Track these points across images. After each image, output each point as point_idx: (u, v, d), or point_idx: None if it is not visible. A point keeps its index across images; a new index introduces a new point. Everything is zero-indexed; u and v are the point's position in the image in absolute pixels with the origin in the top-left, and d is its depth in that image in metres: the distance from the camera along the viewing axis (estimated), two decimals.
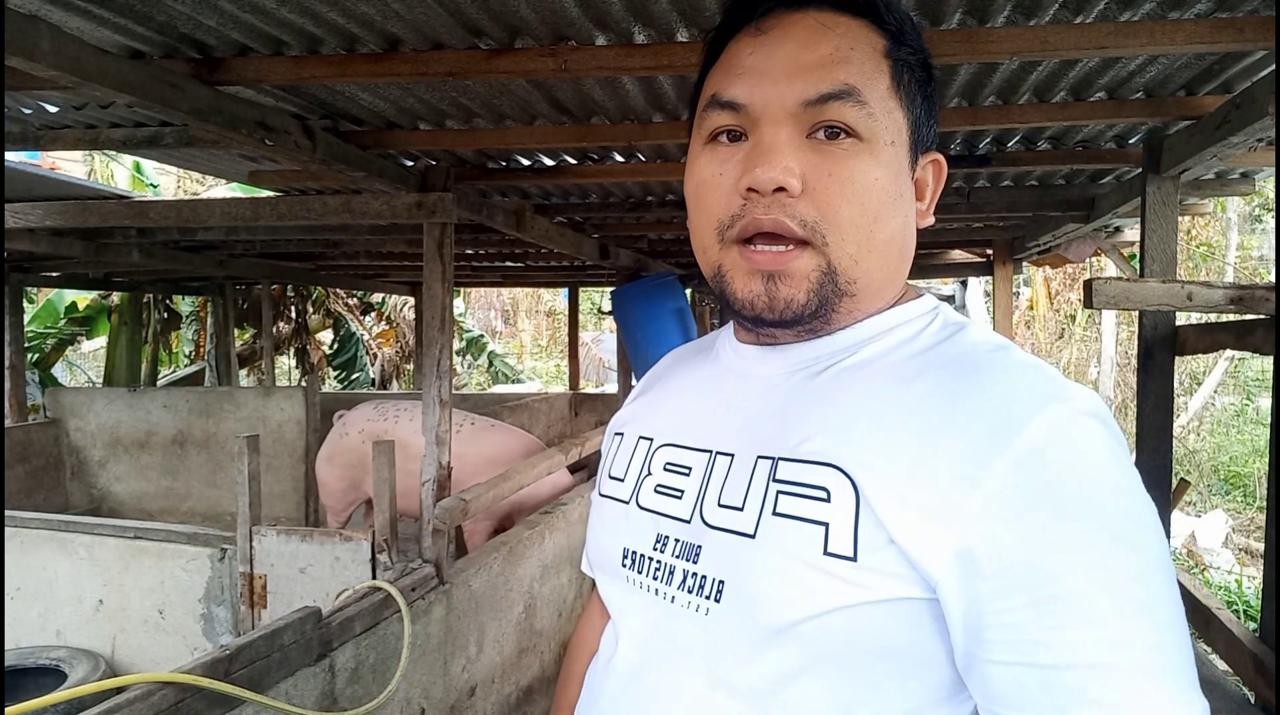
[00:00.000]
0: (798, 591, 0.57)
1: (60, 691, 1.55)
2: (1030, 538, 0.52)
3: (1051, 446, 0.54)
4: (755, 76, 0.63)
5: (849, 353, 0.66)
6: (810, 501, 0.59)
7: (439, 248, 2.63)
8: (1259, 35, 1.59)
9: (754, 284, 0.64)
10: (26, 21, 1.43)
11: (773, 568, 0.59)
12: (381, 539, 2.49)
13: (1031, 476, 0.53)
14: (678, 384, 0.79)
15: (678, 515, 0.68)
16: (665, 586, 0.66)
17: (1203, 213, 4.06)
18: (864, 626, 0.56)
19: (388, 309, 10.80)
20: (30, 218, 3.19)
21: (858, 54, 0.62)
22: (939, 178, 0.70)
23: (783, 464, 0.62)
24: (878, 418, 0.60)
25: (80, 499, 5.34)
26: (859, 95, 0.61)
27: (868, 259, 0.63)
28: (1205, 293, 1.85)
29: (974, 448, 0.54)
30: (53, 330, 7.86)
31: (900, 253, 0.66)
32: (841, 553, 0.56)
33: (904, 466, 0.56)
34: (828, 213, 0.61)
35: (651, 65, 1.78)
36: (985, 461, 0.54)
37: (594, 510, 0.79)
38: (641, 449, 0.76)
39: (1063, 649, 0.51)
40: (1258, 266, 10.52)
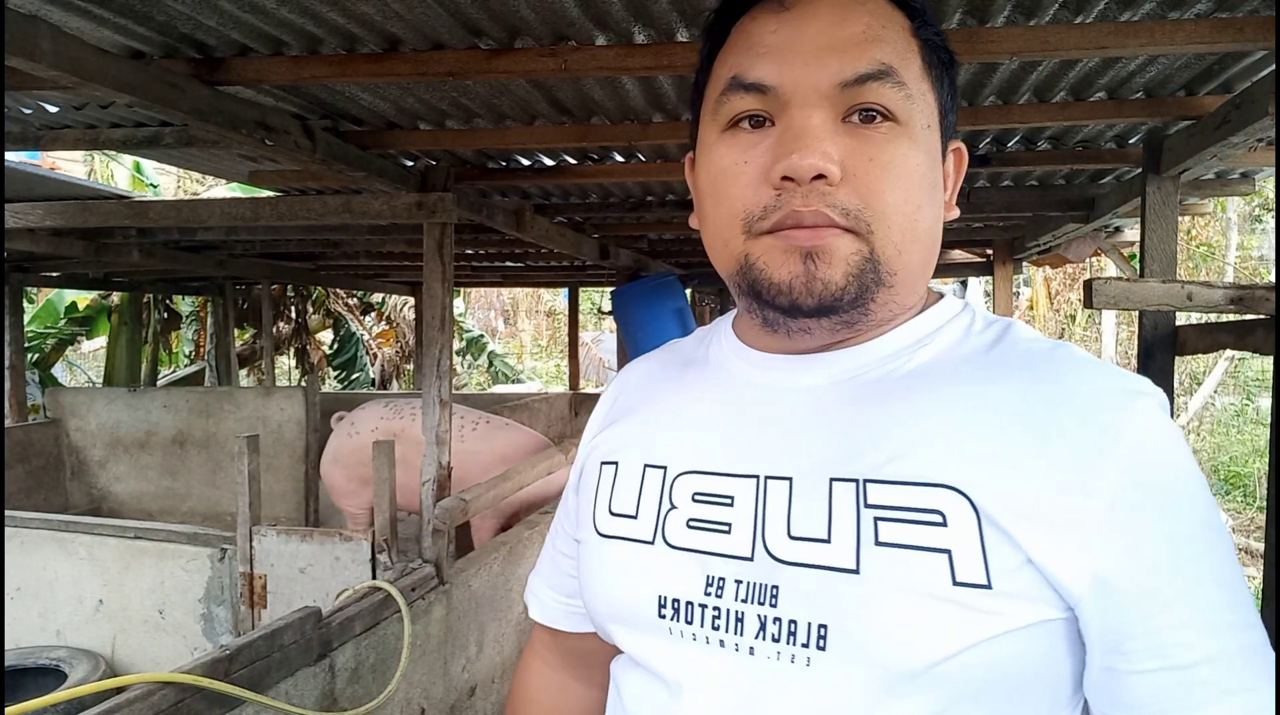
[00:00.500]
0: (929, 630, 0.52)
1: (60, 691, 1.55)
2: (1152, 537, 0.51)
3: (1150, 443, 0.53)
4: (783, 55, 0.57)
5: (900, 359, 0.61)
6: (923, 527, 0.53)
7: (439, 248, 2.63)
8: (1259, 35, 1.59)
9: (792, 263, 0.57)
10: (26, 21, 1.43)
11: (893, 606, 0.52)
12: (381, 539, 2.49)
13: (1141, 476, 0.52)
14: (675, 402, 0.69)
15: (732, 552, 0.59)
16: (735, 636, 0.57)
17: (1203, 213, 4.07)
18: (1004, 658, 0.52)
19: (388, 309, 10.80)
20: (30, 218, 3.19)
21: (890, 32, 0.58)
22: (960, 168, 0.66)
23: (873, 487, 0.55)
24: (971, 428, 0.55)
25: (80, 499, 5.34)
26: (897, 75, 0.57)
27: (910, 249, 0.59)
28: (1205, 293, 1.85)
29: (1082, 451, 0.52)
30: (53, 330, 7.86)
31: (935, 244, 0.62)
32: (973, 581, 0.51)
33: (1017, 477, 0.53)
34: (872, 200, 0.56)
35: (651, 65, 1.78)
36: (1096, 465, 0.52)
37: (592, 554, 0.68)
38: (653, 479, 0.65)
39: (1196, 646, 0.50)
40: (1258, 266, 10.52)
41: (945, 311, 0.64)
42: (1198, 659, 0.50)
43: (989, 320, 0.64)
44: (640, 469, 0.67)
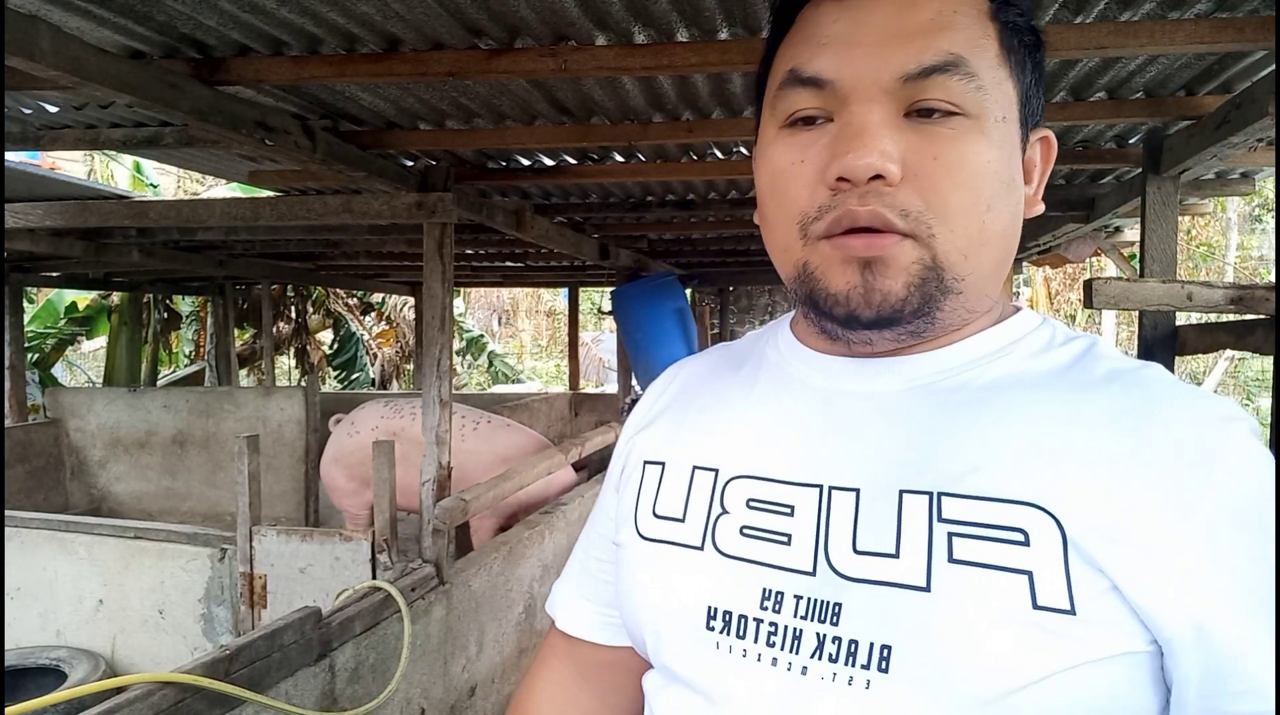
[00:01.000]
0: (1005, 655, 0.48)
1: (60, 691, 1.55)
2: (1250, 568, 0.48)
3: (1247, 474, 0.49)
4: (843, 47, 0.54)
5: (977, 368, 0.57)
6: (1003, 546, 0.50)
7: (439, 248, 2.63)
8: (1259, 35, 1.59)
9: (850, 274, 0.54)
10: (26, 21, 1.43)
11: (966, 627, 0.49)
12: (381, 539, 2.49)
13: (1239, 508, 0.49)
14: (728, 402, 0.66)
15: (793, 566, 0.55)
16: (790, 655, 0.54)
17: (1203, 213, 4.07)
18: (1084, 690, 0.48)
19: (388, 309, 10.80)
20: (30, 218, 3.19)
21: (962, 17, 0.54)
22: (1048, 157, 0.61)
23: (948, 501, 0.52)
24: (1058, 443, 0.51)
25: (80, 499, 5.34)
26: (967, 66, 0.53)
27: (979, 254, 0.54)
28: (1205, 293, 1.85)
29: (1177, 477, 0.49)
30: (53, 330, 7.86)
31: (1009, 247, 0.58)
32: (1056, 605, 0.48)
33: (1106, 498, 0.49)
34: (934, 201, 0.52)
35: (651, 65, 1.78)
36: (1192, 493, 0.48)
37: (631, 557, 0.64)
38: (702, 482, 0.62)
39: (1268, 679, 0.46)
40: (1258, 266, 10.53)
41: (1024, 324, 0.60)
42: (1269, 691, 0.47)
43: (1070, 335, 0.60)
44: (689, 470, 0.63)
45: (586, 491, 3.98)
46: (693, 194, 3.65)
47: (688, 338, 4.94)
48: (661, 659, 0.61)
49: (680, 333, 4.91)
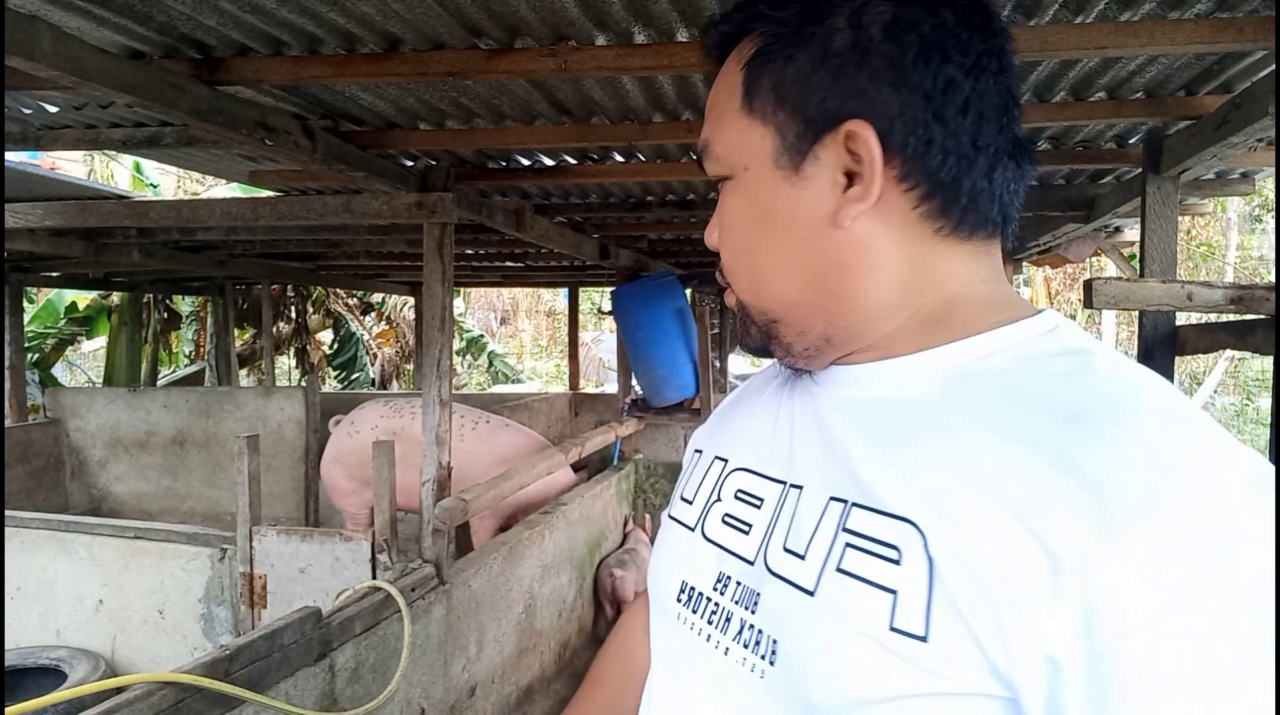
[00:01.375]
0: (854, 670, 0.48)
1: (60, 691, 1.55)
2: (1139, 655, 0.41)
3: (1183, 537, 0.41)
4: None
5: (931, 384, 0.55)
6: (879, 561, 0.49)
7: (439, 248, 2.63)
8: (1259, 35, 1.59)
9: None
10: (26, 21, 1.43)
11: (826, 636, 0.50)
12: (381, 539, 2.49)
13: (1153, 566, 0.41)
14: (761, 400, 0.69)
15: (742, 553, 0.59)
16: (720, 635, 0.58)
17: (1203, 213, 4.07)
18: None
19: (388, 309, 10.80)
20: (30, 218, 3.19)
21: (716, 97, 0.61)
22: (865, 146, 0.53)
23: (856, 511, 0.52)
24: (968, 472, 0.48)
25: (80, 499, 5.34)
26: (710, 146, 0.61)
27: (768, 289, 0.59)
28: (1205, 293, 1.85)
29: (1082, 526, 0.43)
30: (53, 330, 7.86)
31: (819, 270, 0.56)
32: (910, 630, 0.46)
33: (989, 540, 0.45)
34: (724, 259, 0.63)
35: (651, 65, 1.78)
36: (1097, 545, 0.42)
37: (662, 531, 0.72)
38: (715, 471, 0.68)
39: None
40: (1258, 266, 10.53)
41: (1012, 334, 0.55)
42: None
43: (1074, 351, 0.53)
44: (711, 459, 0.70)
45: (586, 491, 3.98)
46: (693, 194, 3.65)
47: (688, 338, 4.94)
48: (651, 622, 0.69)
49: (680, 333, 4.90)
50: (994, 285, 0.58)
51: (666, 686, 0.63)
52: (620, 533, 4.45)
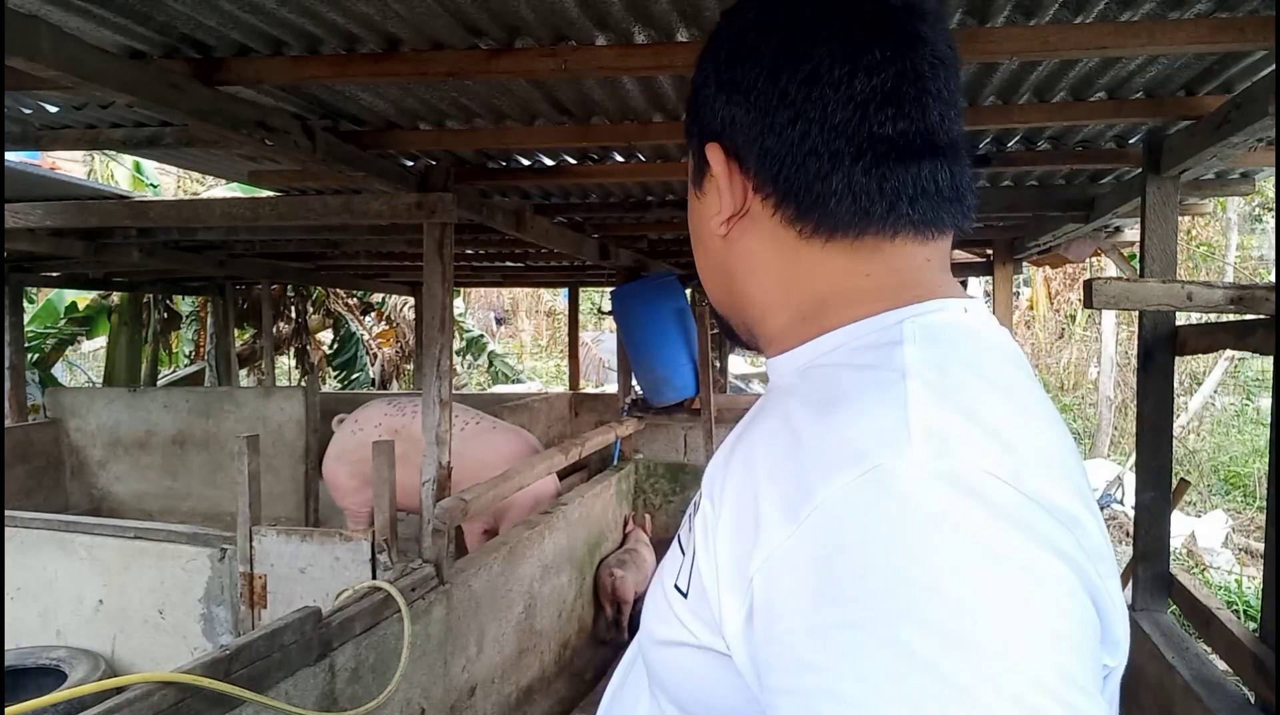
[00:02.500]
0: (651, 616, 0.59)
1: (60, 691, 1.55)
2: (792, 619, 0.44)
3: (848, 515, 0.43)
4: None
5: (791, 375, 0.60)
6: (687, 528, 0.60)
7: (439, 248, 2.63)
8: (1259, 35, 1.59)
9: None
10: (26, 21, 1.43)
11: (653, 587, 0.61)
12: (381, 539, 2.49)
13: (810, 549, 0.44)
14: None
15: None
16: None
17: (1203, 213, 4.07)
18: (688, 668, 0.53)
19: (388, 309, 10.80)
20: (30, 218, 3.19)
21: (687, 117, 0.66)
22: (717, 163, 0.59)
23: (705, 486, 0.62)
24: (742, 453, 0.55)
25: (80, 499, 5.34)
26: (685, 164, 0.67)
27: (708, 290, 0.68)
28: (1205, 293, 1.85)
29: (773, 506, 0.47)
30: (53, 330, 7.86)
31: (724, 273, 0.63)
32: (680, 586, 0.55)
33: (728, 511, 0.52)
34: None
35: (651, 65, 1.78)
36: (776, 525, 0.46)
37: None
38: None
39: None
40: (1258, 266, 10.53)
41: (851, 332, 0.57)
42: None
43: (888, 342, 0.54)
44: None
45: (586, 491, 3.98)
46: None
47: (688, 338, 4.94)
48: None
49: (680, 333, 4.90)
50: (880, 279, 0.57)
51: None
52: (620, 533, 4.45)
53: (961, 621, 0.39)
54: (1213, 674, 2.02)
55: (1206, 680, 1.97)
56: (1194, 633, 2.38)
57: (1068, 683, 0.39)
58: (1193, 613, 2.17)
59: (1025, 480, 0.44)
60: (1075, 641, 0.41)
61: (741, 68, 0.58)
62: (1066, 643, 0.40)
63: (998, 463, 0.44)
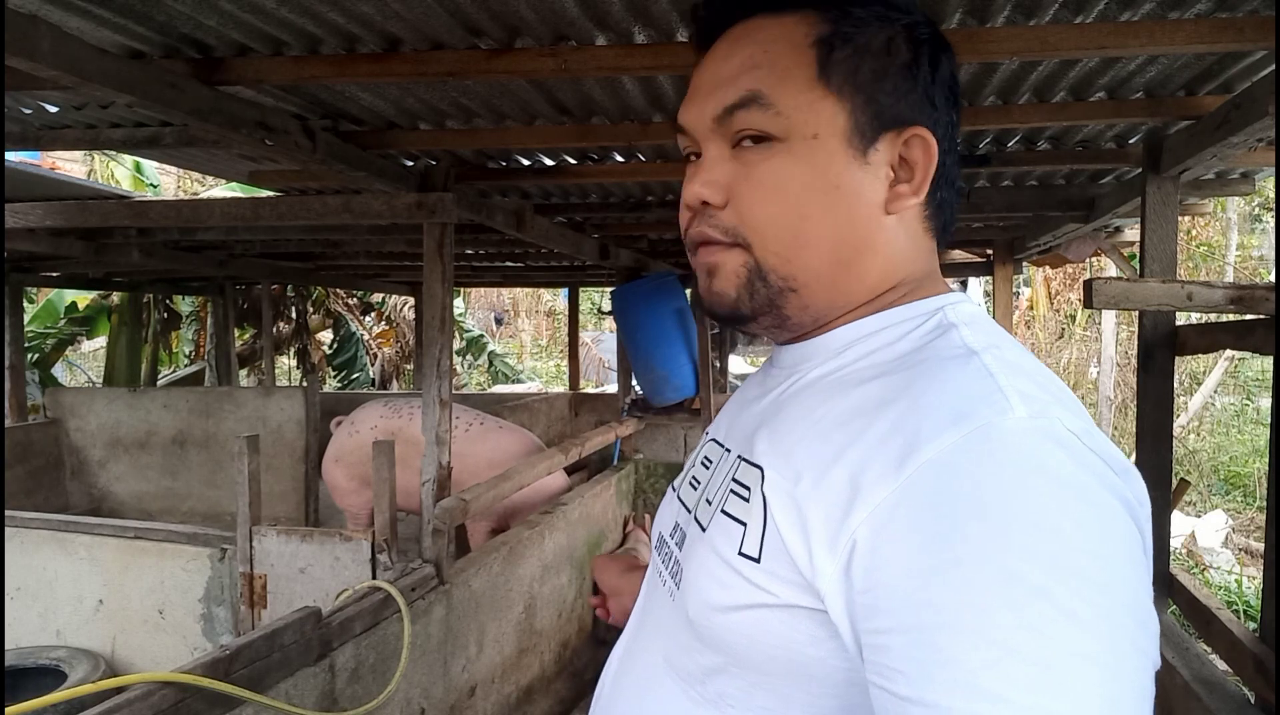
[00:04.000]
0: (712, 587, 0.60)
1: (60, 691, 1.55)
2: (907, 560, 0.48)
3: (953, 466, 0.49)
4: (691, 98, 0.67)
5: (827, 356, 0.65)
6: (739, 501, 0.62)
7: (439, 248, 2.63)
8: (1259, 35, 1.59)
9: (703, 280, 0.67)
10: (26, 21, 1.43)
11: (702, 561, 0.63)
12: (381, 539, 2.49)
13: (922, 495, 0.49)
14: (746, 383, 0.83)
15: (688, 504, 0.73)
16: (666, 572, 0.72)
17: (1203, 213, 4.06)
18: (765, 630, 0.56)
19: (388, 309, 10.80)
20: (30, 218, 3.19)
21: (770, 54, 0.62)
22: (929, 153, 0.63)
23: (740, 463, 0.65)
24: (810, 424, 0.60)
25: (80, 499, 5.34)
26: (762, 98, 0.61)
27: (801, 255, 0.62)
28: (1205, 293, 1.85)
29: (875, 462, 0.52)
30: (53, 330, 7.86)
31: (854, 245, 0.63)
32: (749, 553, 0.58)
33: (808, 476, 0.56)
34: (746, 217, 0.63)
35: (651, 65, 1.78)
36: (881, 477, 0.51)
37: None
38: (702, 444, 0.82)
39: (921, 684, 0.46)
40: (1258, 266, 10.52)
41: (903, 313, 0.64)
42: (914, 697, 0.46)
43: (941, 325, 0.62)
44: (707, 438, 0.82)
45: (586, 491, 3.98)
46: None
47: (688, 338, 4.94)
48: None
49: (680, 333, 4.90)
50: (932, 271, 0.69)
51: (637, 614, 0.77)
52: (620, 533, 4.45)
53: (1067, 555, 0.46)
54: (1213, 674, 2.02)
55: (1206, 680, 1.97)
56: (1194, 633, 2.38)
57: (1141, 606, 0.48)
58: (1193, 613, 2.17)
59: (1093, 437, 0.52)
60: (1141, 574, 0.50)
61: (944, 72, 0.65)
62: (1138, 572, 0.49)
63: (1073, 422, 0.51)
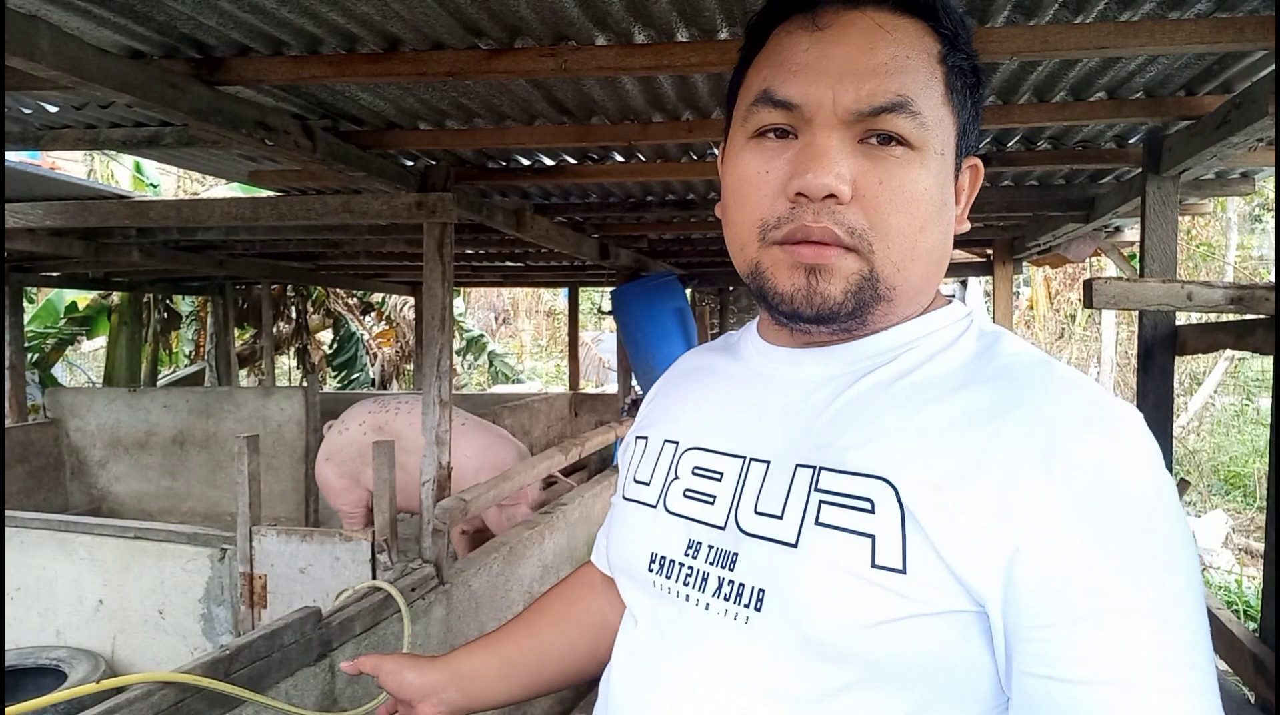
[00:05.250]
0: (846, 603, 0.57)
1: (60, 691, 1.55)
2: (1069, 554, 0.53)
3: (1096, 464, 0.54)
4: (811, 76, 0.61)
5: (884, 360, 0.65)
6: (855, 512, 0.59)
7: (439, 248, 2.63)
8: (1259, 35, 1.59)
9: (797, 278, 0.62)
10: (26, 21, 1.43)
11: (818, 578, 0.59)
12: (381, 539, 2.49)
13: (1074, 494, 0.53)
14: (701, 386, 0.78)
15: (711, 521, 0.67)
16: (698, 593, 0.65)
17: (1203, 213, 4.06)
18: (915, 639, 0.56)
19: (388, 309, 10.80)
20: (30, 218, 3.19)
21: (913, 61, 0.61)
22: (975, 182, 0.70)
23: (825, 474, 0.62)
24: (922, 431, 0.59)
25: (80, 499, 5.34)
26: (912, 106, 0.60)
27: (910, 268, 0.63)
28: (1205, 293, 1.85)
29: (1021, 465, 0.55)
30: (53, 330, 7.86)
31: (939, 260, 0.66)
32: (890, 565, 0.56)
33: (950, 483, 0.56)
34: (876, 221, 0.61)
35: (651, 65, 1.78)
36: (1031, 479, 0.54)
37: (616, 513, 0.79)
38: (667, 452, 0.75)
39: (1095, 665, 0.51)
40: (1258, 266, 10.52)
41: (942, 318, 0.67)
42: (1094, 678, 0.51)
43: (984, 332, 0.67)
44: (660, 443, 0.76)
45: (586, 491, 3.97)
46: (693, 194, 3.65)
47: (688, 338, 4.94)
48: (622, 594, 0.76)
49: (680, 333, 4.91)
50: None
51: (650, 643, 0.69)
52: None
53: (1180, 532, 0.54)
54: None
55: None
56: None
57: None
58: None
59: None
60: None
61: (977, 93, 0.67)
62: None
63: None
